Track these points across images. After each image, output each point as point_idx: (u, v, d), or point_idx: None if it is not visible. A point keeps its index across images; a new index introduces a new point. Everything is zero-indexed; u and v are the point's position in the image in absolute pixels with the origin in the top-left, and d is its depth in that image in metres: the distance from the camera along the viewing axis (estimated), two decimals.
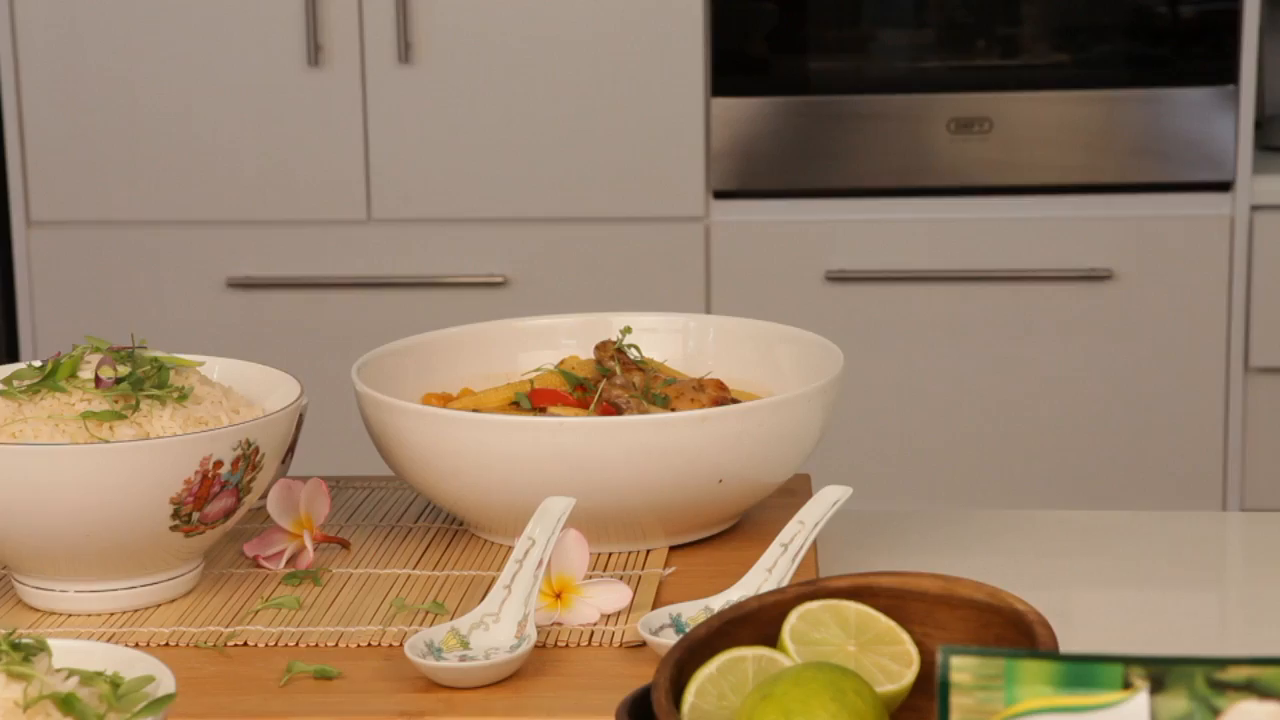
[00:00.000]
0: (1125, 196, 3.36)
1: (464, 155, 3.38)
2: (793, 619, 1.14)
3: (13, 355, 3.50)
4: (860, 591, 1.15)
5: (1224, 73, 3.32)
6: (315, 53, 3.36)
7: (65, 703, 1.03)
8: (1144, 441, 3.36)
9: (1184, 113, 3.33)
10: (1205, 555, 1.78)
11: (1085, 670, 0.81)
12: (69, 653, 1.10)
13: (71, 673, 1.07)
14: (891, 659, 1.12)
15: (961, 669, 0.81)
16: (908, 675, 1.12)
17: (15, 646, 1.04)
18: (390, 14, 3.33)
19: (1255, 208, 3.33)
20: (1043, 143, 3.36)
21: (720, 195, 3.39)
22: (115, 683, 1.07)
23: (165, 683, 1.08)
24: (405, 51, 3.35)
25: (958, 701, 0.81)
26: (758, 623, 1.15)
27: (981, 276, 3.37)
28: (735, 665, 1.10)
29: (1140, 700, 0.80)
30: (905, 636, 1.14)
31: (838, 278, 3.37)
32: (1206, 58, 3.34)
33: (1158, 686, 0.80)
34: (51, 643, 1.12)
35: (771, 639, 1.15)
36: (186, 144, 3.39)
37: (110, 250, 3.44)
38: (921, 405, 3.39)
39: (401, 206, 3.41)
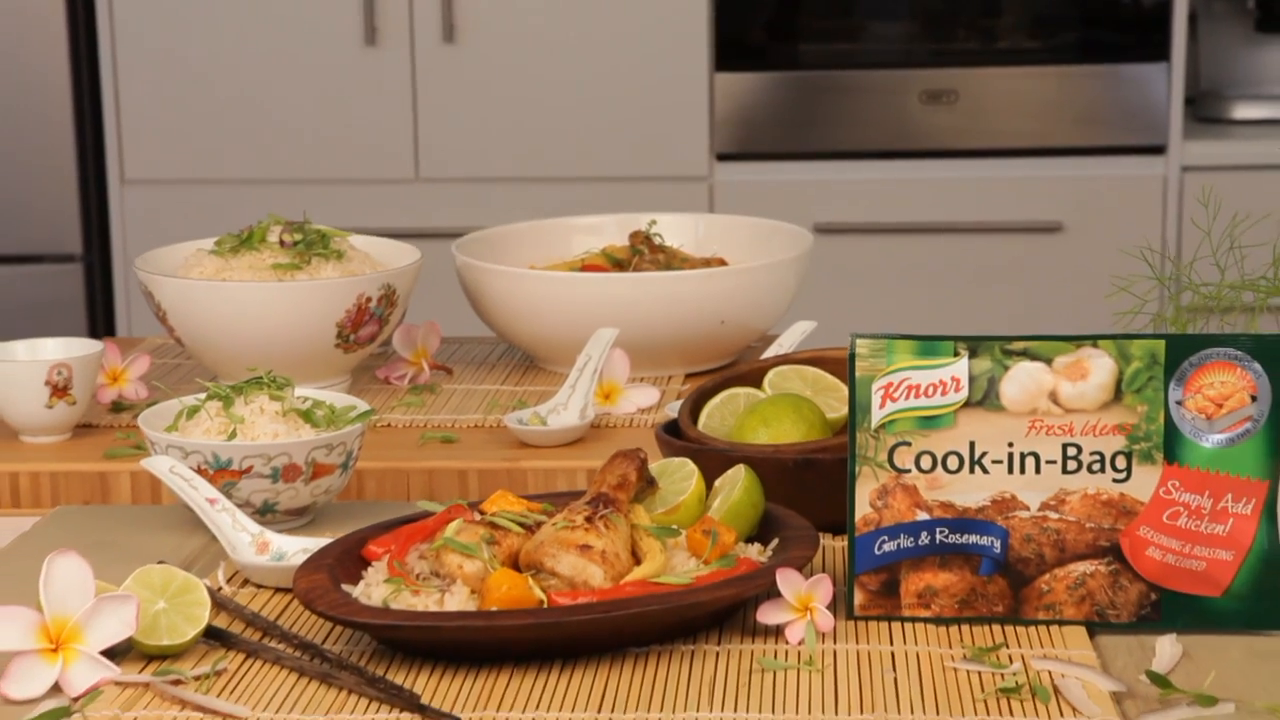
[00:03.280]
0: (1073, 159, 3.56)
1: (499, 122, 3.58)
2: (770, 375, 1.71)
3: (109, 294, 3.75)
4: (816, 360, 1.72)
5: (1160, 52, 3.54)
6: (371, 33, 3.56)
7: (305, 415, 1.61)
8: None
9: (1125, 86, 3.55)
10: None
11: (932, 345, 1.38)
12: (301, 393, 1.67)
13: (306, 398, 1.63)
14: (835, 400, 1.68)
15: (862, 345, 1.38)
16: (843, 410, 1.67)
17: (273, 380, 1.61)
18: None
19: (1185, 169, 3.55)
20: (1002, 112, 3.58)
21: (722, 157, 3.60)
22: (332, 408, 1.64)
23: (362, 408, 1.65)
24: (449, 32, 3.56)
25: (859, 364, 1.38)
26: (747, 380, 1.72)
27: (949, 228, 3.58)
28: (732, 398, 1.67)
29: (963, 362, 1.37)
30: (844, 387, 1.69)
31: (825, 229, 3.55)
32: (1144, 39, 3.56)
33: (973, 354, 1.37)
34: None
35: (757, 388, 1.71)
36: (259, 112, 3.60)
37: (191, 204, 3.64)
38: None
39: (445, 167, 3.62)
